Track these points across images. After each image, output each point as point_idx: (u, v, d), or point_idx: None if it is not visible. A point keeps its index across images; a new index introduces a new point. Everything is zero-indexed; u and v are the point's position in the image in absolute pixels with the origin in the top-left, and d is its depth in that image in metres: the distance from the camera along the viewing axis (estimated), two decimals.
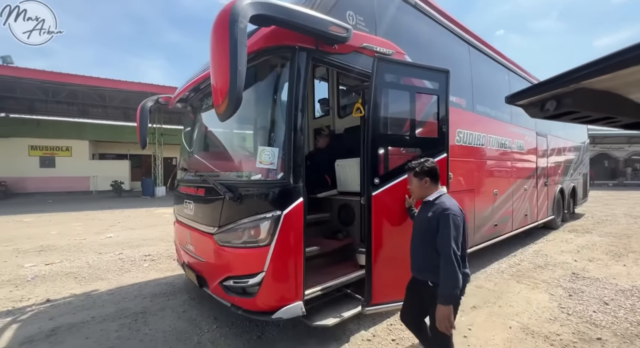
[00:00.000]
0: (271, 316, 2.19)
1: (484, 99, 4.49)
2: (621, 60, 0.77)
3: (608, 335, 2.58)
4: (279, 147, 2.25)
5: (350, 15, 2.63)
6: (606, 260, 4.68)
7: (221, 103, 1.72)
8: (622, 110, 1.11)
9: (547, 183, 6.43)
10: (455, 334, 2.57)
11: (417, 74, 2.80)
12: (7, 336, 2.56)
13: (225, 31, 1.66)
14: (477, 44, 4.49)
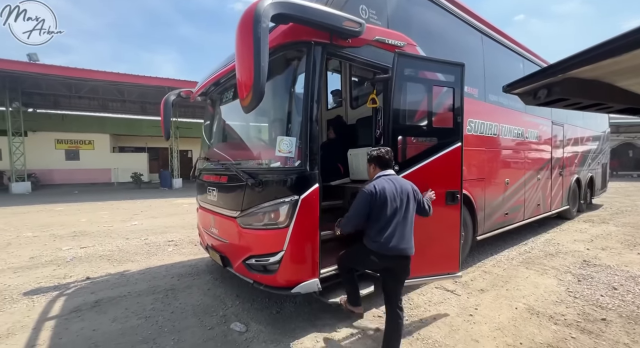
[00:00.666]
0: (290, 290, 2.39)
1: (497, 88, 4.47)
2: (598, 53, 0.89)
3: (613, 316, 2.67)
4: (296, 137, 2.40)
5: (363, 9, 2.73)
6: (620, 248, 4.67)
7: (246, 96, 1.89)
8: (611, 97, 1.21)
9: (563, 173, 6.34)
10: (461, 313, 2.74)
11: (434, 68, 2.92)
12: (58, 306, 2.89)
13: (250, 30, 1.82)
14: (490, 32, 4.46)
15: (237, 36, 1.92)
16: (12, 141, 12.92)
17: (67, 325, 2.54)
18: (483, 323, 2.58)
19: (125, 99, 15.70)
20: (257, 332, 2.44)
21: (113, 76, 12.19)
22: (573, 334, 2.41)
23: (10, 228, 6.28)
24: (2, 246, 4.95)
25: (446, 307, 2.87)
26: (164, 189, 14.88)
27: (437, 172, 2.86)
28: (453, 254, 2.97)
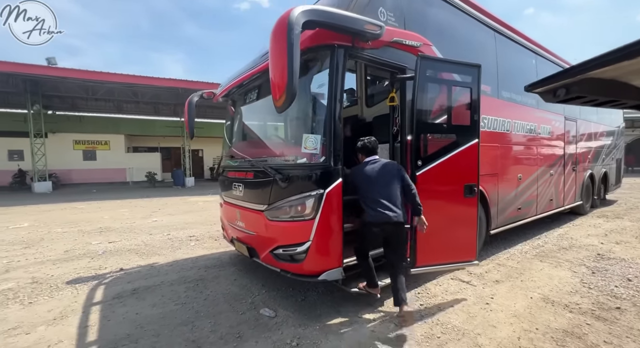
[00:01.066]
0: (317, 278, 2.56)
1: (510, 85, 4.56)
2: (617, 56, 1.01)
3: (627, 305, 2.76)
4: (321, 134, 2.56)
5: (382, 11, 2.87)
6: (635, 243, 4.71)
7: (279, 97, 2.04)
8: (626, 94, 1.34)
9: (576, 168, 6.36)
10: (478, 301, 2.87)
11: (453, 69, 3.07)
12: (100, 293, 3.12)
13: (283, 37, 1.98)
14: (503, 29, 4.54)
15: (271, 42, 2.08)
16: (33, 142, 13.42)
17: (112, 309, 2.76)
18: (499, 310, 2.70)
19: (139, 100, 16.09)
20: (285, 317, 2.61)
21: (129, 78, 12.55)
22: (588, 321, 2.51)
23: (41, 224, 6.62)
24: (36, 241, 5.26)
25: (463, 296, 3.00)
26: (177, 188, 15.25)
27: (456, 167, 3.01)
28: (471, 243, 3.13)
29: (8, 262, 4.14)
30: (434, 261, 2.98)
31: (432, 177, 2.88)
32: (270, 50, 2.09)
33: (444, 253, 3.04)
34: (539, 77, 4.57)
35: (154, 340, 2.29)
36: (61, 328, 2.47)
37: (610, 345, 2.19)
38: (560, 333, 2.35)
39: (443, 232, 2.99)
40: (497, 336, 2.31)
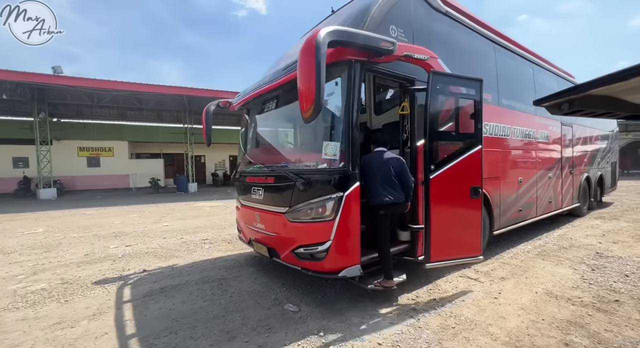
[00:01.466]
0: (337, 275, 2.75)
1: (509, 93, 4.83)
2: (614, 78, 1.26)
3: (625, 298, 2.97)
4: (340, 142, 2.77)
5: (393, 28, 3.13)
6: (631, 242, 4.94)
7: (307, 109, 2.25)
8: (619, 107, 1.58)
9: (573, 171, 6.62)
10: (486, 296, 3.07)
11: (459, 83, 3.35)
12: (129, 292, 3.29)
13: (312, 56, 2.21)
14: (502, 41, 4.83)
15: (300, 60, 2.31)
16: (39, 149, 13.58)
17: (145, 306, 2.94)
18: (507, 304, 2.91)
19: (143, 107, 16.32)
20: (308, 312, 2.80)
21: (136, 86, 12.80)
22: (589, 313, 2.72)
23: (55, 230, 6.77)
24: (54, 245, 5.41)
25: (473, 292, 3.20)
26: (180, 193, 15.39)
27: (463, 171, 3.28)
28: (476, 240, 3.39)
29: (34, 265, 4.30)
30: (445, 256, 3.24)
31: (443, 180, 3.15)
32: (299, 67, 2.31)
33: (453, 249, 3.31)
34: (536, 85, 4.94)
35: (191, 331, 2.48)
36: (102, 323, 2.65)
37: (611, 332, 2.39)
38: (565, 323, 2.55)
39: (452, 230, 3.27)
40: (507, 326, 2.51)
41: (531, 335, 2.38)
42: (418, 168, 3.20)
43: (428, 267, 3.14)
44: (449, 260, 3.28)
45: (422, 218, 3.20)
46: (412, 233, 3.27)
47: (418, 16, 3.47)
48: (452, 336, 2.37)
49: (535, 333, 2.39)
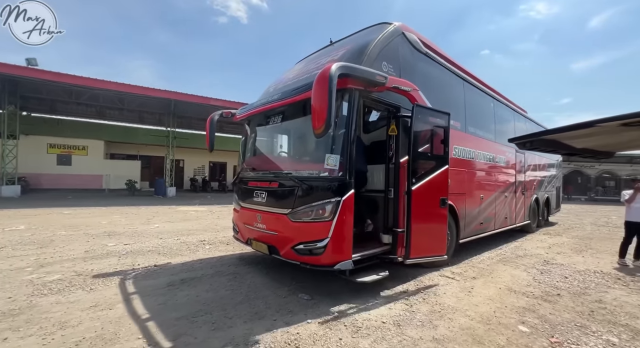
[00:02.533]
0: (332, 268, 3.16)
1: (474, 122, 5.70)
2: (558, 131, 1.99)
3: (564, 293, 3.80)
4: (340, 154, 3.23)
5: (384, 64, 3.76)
6: (570, 253, 5.99)
7: (320, 126, 2.69)
8: (560, 147, 2.36)
9: (524, 193, 7.67)
10: (462, 290, 3.75)
11: (434, 115, 4.08)
12: (151, 283, 3.56)
13: (326, 84, 2.70)
14: (470, 79, 5.75)
15: (315, 87, 2.77)
16: (5, 144, 12.73)
17: (173, 293, 3.25)
18: (478, 296, 3.60)
19: (124, 107, 15.94)
20: (320, 299, 3.28)
21: (121, 87, 12.62)
22: (539, 302, 3.47)
23: (38, 227, 6.59)
24: (47, 242, 5.37)
25: (451, 287, 3.87)
26: (158, 197, 15.03)
27: (435, 185, 3.98)
28: (443, 242, 4.14)
29: (36, 260, 4.34)
30: (420, 255, 3.90)
31: (421, 191, 3.78)
32: (314, 92, 2.77)
33: (426, 249, 3.96)
34: (495, 117, 6.09)
35: (223, 312, 2.86)
36: (138, 306, 2.94)
37: (553, 315, 3.14)
38: (521, 309, 3.27)
39: (426, 233, 3.94)
40: (479, 310, 3.18)
41: (497, 316, 3.06)
42: (401, 180, 3.77)
43: (408, 263, 3.76)
44: (422, 258, 3.96)
45: (402, 223, 3.75)
46: (393, 237, 3.81)
47: (404, 55, 4.14)
48: (439, 317, 2.98)
49: (500, 315, 3.08)
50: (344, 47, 4.12)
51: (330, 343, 2.40)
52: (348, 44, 4.23)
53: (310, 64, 4.51)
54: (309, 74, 4.00)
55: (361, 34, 4.39)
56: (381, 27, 4.13)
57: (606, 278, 4.41)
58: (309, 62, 4.68)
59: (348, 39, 4.55)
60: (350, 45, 4.05)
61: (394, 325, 2.77)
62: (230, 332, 2.53)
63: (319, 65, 4.07)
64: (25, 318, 2.66)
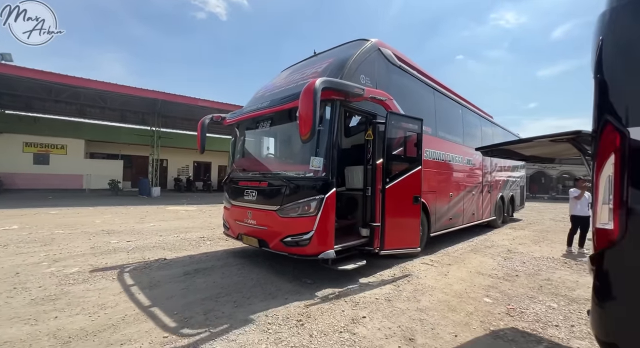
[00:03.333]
0: (317, 257, 3.55)
1: (444, 127, 6.30)
2: (511, 143, 2.64)
3: (522, 274, 4.55)
4: (323, 157, 3.64)
5: (362, 77, 4.17)
6: (530, 244, 6.89)
7: (306, 133, 3.09)
8: (514, 155, 3.04)
9: (490, 191, 8.45)
10: (439, 274, 4.40)
11: (407, 121, 4.56)
12: (167, 273, 3.94)
13: (311, 96, 3.08)
14: (440, 88, 6.34)
15: (302, 98, 3.16)
16: None
17: (192, 280, 3.66)
18: (453, 277, 4.27)
19: (106, 106, 15.61)
20: (320, 283, 3.80)
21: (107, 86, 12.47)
22: (501, 281, 4.19)
23: (32, 226, 6.63)
24: (47, 240, 5.52)
25: (430, 272, 4.52)
26: (142, 197, 14.90)
27: (408, 183, 4.44)
28: (416, 235, 4.63)
29: (46, 255, 4.55)
30: (394, 246, 4.33)
31: (395, 189, 4.21)
32: (301, 103, 3.16)
33: (400, 242, 4.39)
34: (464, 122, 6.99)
35: (240, 294, 3.32)
36: (163, 291, 3.34)
37: (511, 290, 3.85)
38: (487, 286, 3.97)
39: (400, 227, 4.36)
40: (454, 288, 3.83)
41: (467, 292, 3.72)
42: (377, 180, 4.18)
43: (382, 253, 4.19)
44: (396, 249, 4.39)
45: (378, 218, 4.12)
46: (370, 230, 4.23)
47: (380, 68, 4.57)
48: (422, 294, 3.60)
49: (470, 291, 3.75)
50: (327, 60, 4.53)
51: (335, 314, 2.94)
52: (330, 57, 4.65)
53: (296, 73, 4.87)
54: (295, 83, 4.41)
55: (342, 49, 4.83)
56: (360, 43, 4.58)
57: (555, 262, 5.26)
58: (295, 72, 5.03)
59: (330, 52, 4.98)
60: (333, 59, 4.45)
61: (385, 300, 3.35)
62: (251, 308, 3.00)
63: (304, 76, 4.51)
64: (65, 302, 2.99)
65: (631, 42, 1.56)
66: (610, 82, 1.60)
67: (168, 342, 2.35)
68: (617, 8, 1.60)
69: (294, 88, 4.24)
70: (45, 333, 2.42)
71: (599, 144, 1.61)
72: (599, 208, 1.60)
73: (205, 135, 5.14)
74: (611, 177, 1.53)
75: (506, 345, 2.52)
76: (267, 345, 2.35)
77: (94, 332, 2.45)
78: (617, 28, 1.61)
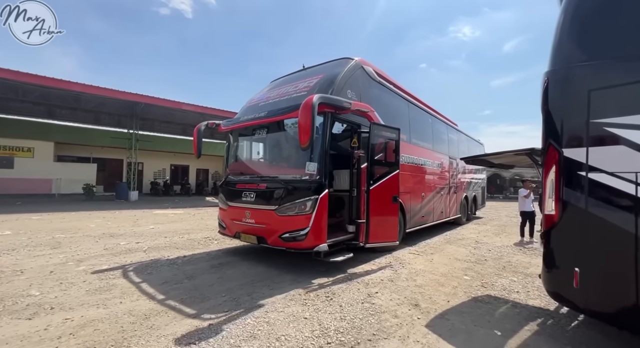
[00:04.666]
0: (312, 250, 4.02)
1: (417, 134, 7.00)
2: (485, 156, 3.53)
3: (489, 259, 5.57)
4: (317, 162, 4.13)
5: (349, 92, 4.71)
6: (492, 236, 8.10)
7: (306, 141, 3.57)
8: (487, 163, 3.97)
9: (456, 191, 9.36)
10: (426, 260, 5.28)
11: (387, 130, 5.07)
12: (193, 267, 4.37)
13: (309, 110, 3.56)
14: (413, 100, 7.11)
15: (302, 112, 3.62)
16: None
17: (222, 271, 4.15)
18: (437, 263, 5.16)
19: (78, 107, 14.90)
20: (332, 269, 4.44)
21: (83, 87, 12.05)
22: (475, 265, 5.15)
23: (27, 232, 6.55)
24: (55, 244, 5.61)
25: (418, 259, 5.38)
26: (120, 201, 14.46)
27: (388, 185, 4.96)
28: (395, 230, 5.19)
29: (65, 257, 4.74)
30: (377, 240, 4.83)
31: (377, 190, 4.71)
32: (301, 116, 3.62)
33: (381, 236, 4.88)
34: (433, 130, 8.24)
35: (270, 280, 3.89)
36: (202, 280, 3.82)
37: (483, 270, 4.81)
38: (464, 268, 4.89)
39: (381, 223, 4.84)
40: (439, 270, 4.70)
41: (450, 273, 4.61)
42: (362, 182, 4.70)
43: (367, 246, 4.69)
44: (378, 243, 4.93)
45: (363, 215, 4.61)
46: (356, 227, 4.74)
47: (362, 84, 5.15)
48: (416, 275, 4.42)
49: (452, 272, 4.64)
50: (317, 76, 5.01)
51: (353, 291, 3.64)
52: (320, 72, 5.13)
53: (288, 86, 5.28)
54: (289, 96, 4.88)
55: (329, 65, 5.36)
56: (346, 61, 5.15)
57: (513, 249, 6.41)
58: (287, 84, 5.43)
59: (318, 68, 5.50)
60: (323, 75, 4.93)
61: (389, 280, 4.11)
62: (283, 289, 3.60)
63: (297, 89, 4.95)
64: (119, 291, 3.38)
65: (564, 90, 2.45)
66: (552, 114, 2.48)
67: (233, 316, 2.90)
68: (554, 70, 2.50)
69: (288, 100, 4.72)
70: (122, 312, 2.86)
71: (545, 158, 2.50)
72: (546, 201, 2.48)
73: (202, 141, 5.48)
74: (553, 180, 2.41)
75: (484, 305, 3.38)
76: (310, 313, 2.99)
77: (164, 310, 2.93)
78: (555, 82, 2.50)
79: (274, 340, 2.47)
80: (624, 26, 2.26)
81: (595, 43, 2.31)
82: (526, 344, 2.54)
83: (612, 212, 2.12)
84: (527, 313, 3.17)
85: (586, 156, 2.22)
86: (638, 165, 2.01)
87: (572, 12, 2.46)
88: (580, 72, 2.33)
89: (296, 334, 2.56)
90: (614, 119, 2.12)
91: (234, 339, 2.45)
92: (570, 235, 2.33)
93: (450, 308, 3.24)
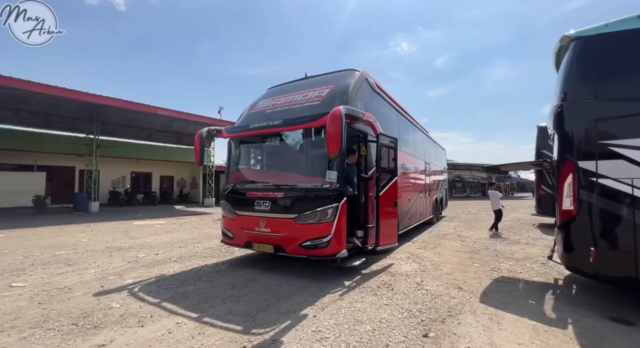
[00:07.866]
0: (334, 257, 4.08)
1: (403, 142, 7.28)
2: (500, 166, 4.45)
3: (480, 249, 6.62)
4: (337, 171, 4.25)
5: (359, 103, 4.88)
6: (467, 230, 9.39)
7: (336, 151, 3.66)
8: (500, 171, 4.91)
9: (430, 194, 10.23)
10: (436, 254, 6.14)
11: (389, 140, 5.45)
12: (241, 273, 4.54)
13: (338, 121, 3.69)
14: (400, 110, 7.73)
15: (331, 123, 3.72)
16: None
17: (260, 276, 4.39)
18: (445, 255, 6.01)
19: (23, 108, 12.95)
20: (347, 273, 4.81)
21: (32, 86, 10.64)
22: (473, 254, 6.11)
23: (16, 251, 5.83)
24: (65, 261, 5.18)
25: (427, 253, 6.19)
26: (79, 214, 12.92)
27: (391, 191, 5.37)
28: (396, 232, 5.79)
29: (95, 272, 4.49)
30: (384, 243, 5.16)
31: (385, 196, 5.07)
32: (330, 127, 3.72)
33: (387, 239, 5.22)
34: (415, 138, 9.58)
35: (324, 279, 4.28)
36: (265, 282, 4.06)
37: (484, 258, 5.79)
38: (468, 258, 5.81)
39: (386, 227, 5.16)
40: (452, 261, 5.56)
41: (462, 262, 5.47)
42: (370, 188, 4.98)
43: (378, 249, 5.08)
44: (386, 245, 5.28)
45: (372, 220, 4.88)
46: (365, 231, 4.95)
47: (367, 95, 5.46)
48: (438, 265, 5.16)
49: (463, 262, 5.50)
50: (327, 85, 5.09)
51: (402, 282, 4.22)
52: (328, 82, 5.22)
53: (297, 94, 5.27)
54: (301, 104, 4.92)
55: (336, 76, 5.45)
56: (352, 72, 5.35)
57: (491, 241, 7.65)
58: (294, 93, 5.38)
59: (324, 78, 5.61)
60: (333, 85, 5.03)
61: (421, 272, 4.80)
62: (344, 284, 4.05)
63: (308, 98, 4.98)
64: (198, 298, 3.49)
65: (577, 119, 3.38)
66: (567, 136, 3.41)
67: (325, 305, 3.27)
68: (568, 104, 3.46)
69: (302, 109, 4.76)
70: (227, 312, 3.04)
71: (562, 168, 3.43)
72: (564, 199, 3.39)
73: (204, 147, 5.35)
74: (570, 184, 3.33)
75: (506, 284, 4.23)
76: (386, 300, 3.51)
77: (258, 310, 3.18)
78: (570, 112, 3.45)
79: (377, 322, 2.95)
80: (615, 79, 3.30)
81: (597, 87, 3.31)
82: (555, 306, 3.42)
83: (616, 206, 3.07)
84: (539, 287, 4.12)
85: (596, 166, 3.17)
86: (632, 173, 2.99)
87: (580, 69, 3.41)
88: (588, 107, 3.30)
89: (390, 318, 3.06)
90: (615, 141, 3.10)
91: (347, 325, 2.87)
92: (586, 224, 3.25)
93: (485, 288, 4.04)
